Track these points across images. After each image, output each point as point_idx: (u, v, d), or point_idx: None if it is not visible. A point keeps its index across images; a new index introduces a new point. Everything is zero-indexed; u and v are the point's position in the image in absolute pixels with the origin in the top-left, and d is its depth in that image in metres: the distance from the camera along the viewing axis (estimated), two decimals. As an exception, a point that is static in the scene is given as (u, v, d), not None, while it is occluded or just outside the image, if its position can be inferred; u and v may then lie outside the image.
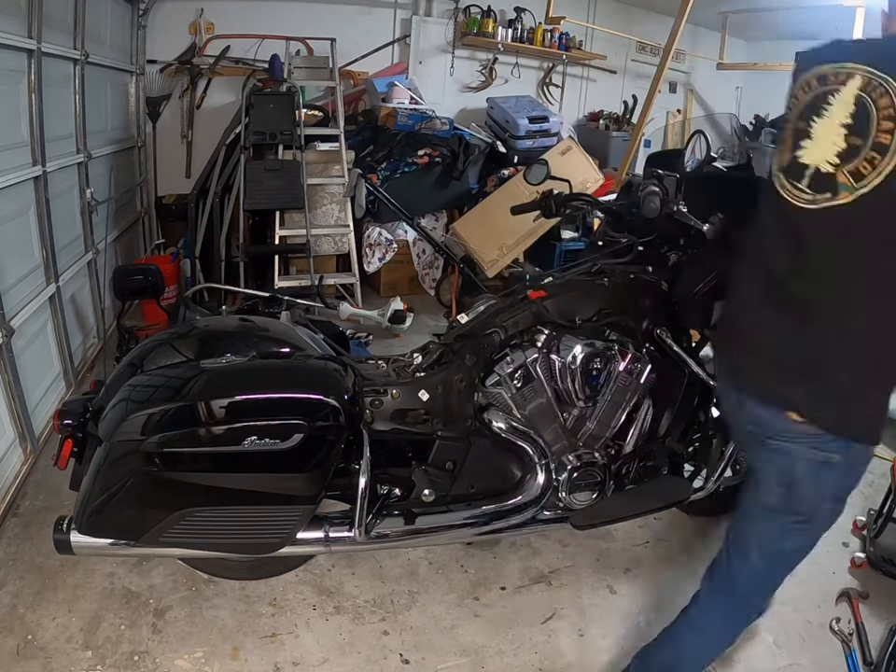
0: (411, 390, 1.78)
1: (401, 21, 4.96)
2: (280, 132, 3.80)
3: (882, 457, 2.93)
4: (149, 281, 3.10)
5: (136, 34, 4.10)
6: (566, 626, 1.93)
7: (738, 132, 2.38)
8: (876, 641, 1.89)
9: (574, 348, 1.82)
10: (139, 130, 4.30)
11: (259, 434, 1.50)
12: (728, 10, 5.34)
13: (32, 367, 2.48)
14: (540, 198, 2.20)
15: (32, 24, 2.46)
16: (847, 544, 2.35)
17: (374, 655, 1.80)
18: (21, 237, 2.51)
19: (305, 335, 1.89)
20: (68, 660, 1.69)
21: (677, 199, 1.78)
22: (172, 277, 3.80)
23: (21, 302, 2.40)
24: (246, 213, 3.82)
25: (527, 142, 4.73)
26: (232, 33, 4.44)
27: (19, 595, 1.87)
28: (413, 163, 4.31)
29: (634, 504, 1.97)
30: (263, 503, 1.59)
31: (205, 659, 1.74)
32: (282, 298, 2.66)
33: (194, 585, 1.96)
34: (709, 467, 2.09)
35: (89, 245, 3.25)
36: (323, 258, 4.22)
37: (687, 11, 4.04)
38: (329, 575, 2.05)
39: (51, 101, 2.68)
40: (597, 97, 5.96)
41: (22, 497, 2.26)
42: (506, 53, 5.26)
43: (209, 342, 1.75)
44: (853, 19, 4.49)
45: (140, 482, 1.52)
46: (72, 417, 1.63)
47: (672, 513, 2.36)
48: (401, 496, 1.82)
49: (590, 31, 5.51)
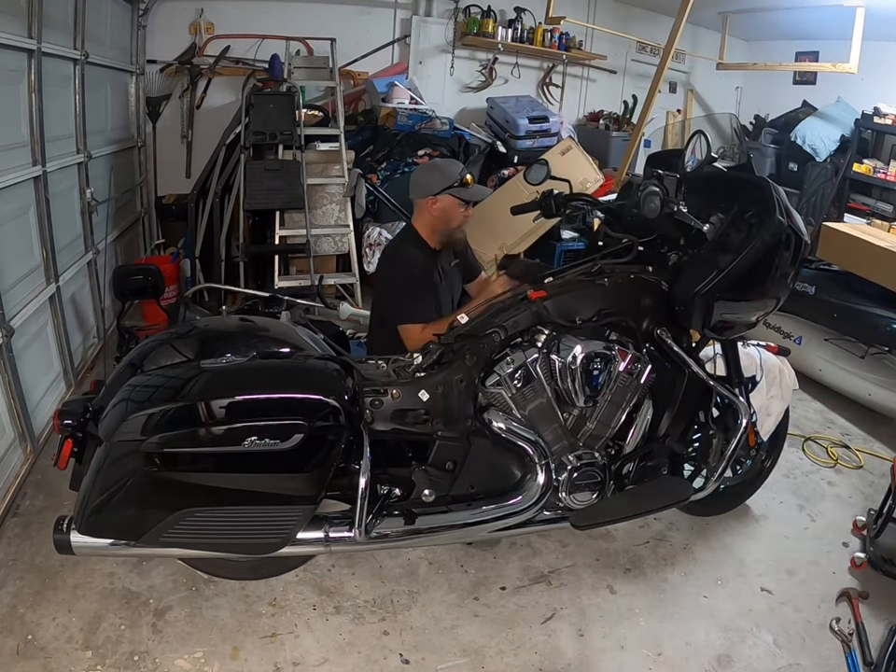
0: (411, 390, 1.78)
1: (401, 21, 4.96)
2: (280, 132, 3.80)
3: (882, 457, 2.94)
4: (149, 281, 3.10)
5: (136, 34, 4.10)
6: (566, 626, 1.93)
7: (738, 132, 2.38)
8: (876, 641, 1.89)
9: (574, 348, 1.81)
10: (139, 130, 4.30)
11: (259, 434, 1.50)
12: (728, 10, 5.34)
13: (32, 367, 2.48)
14: (540, 198, 2.20)
15: (32, 24, 2.46)
16: (846, 544, 2.35)
17: (374, 655, 1.80)
18: (21, 237, 2.51)
19: (305, 335, 1.89)
20: (68, 660, 1.69)
21: (677, 199, 1.78)
22: (172, 277, 3.80)
23: (22, 302, 2.40)
24: (246, 213, 3.82)
25: (527, 142, 4.73)
26: (232, 33, 4.44)
27: (19, 595, 1.87)
28: (413, 163, 4.31)
29: (634, 504, 1.97)
30: (263, 503, 1.59)
31: (205, 659, 1.73)
32: (282, 298, 2.66)
33: (194, 585, 1.96)
34: (709, 467, 2.09)
35: (89, 245, 3.25)
36: (323, 258, 4.22)
37: (687, 11, 4.04)
38: (329, 575, 2.05)
39: (51, 101, 2.68)
40: (597, 97, 5.96)
41: (22, 497, 2.26)
42: (506, 53, 5.26)
43: (209, 342, 1.75)
44: (853, 19, 4.47)
45: (140, 482, 1.52)
46: (72, 417, 1.63)
47: (672, 513, 2.36)
48: (401, 496, 1.82)
49: (590, 31, 5.51)
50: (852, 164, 5.30)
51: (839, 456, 2.91)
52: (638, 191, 1.81)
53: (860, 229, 3.64)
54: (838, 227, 3.61)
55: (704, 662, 1.84)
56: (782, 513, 2.51)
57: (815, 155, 5.47)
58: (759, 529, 2.41)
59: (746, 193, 1.84)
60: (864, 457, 2.92)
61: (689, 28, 4.92)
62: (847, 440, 3.06)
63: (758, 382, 2.26)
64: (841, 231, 3.49)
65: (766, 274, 1.81)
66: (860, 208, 5.37)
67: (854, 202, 5.43)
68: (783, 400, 2.30)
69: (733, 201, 1.83)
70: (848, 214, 5.36)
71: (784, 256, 1.81)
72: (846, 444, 3.02)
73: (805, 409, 3.32)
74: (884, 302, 3.11)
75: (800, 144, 5.49)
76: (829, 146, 5.45)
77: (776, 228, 1.73)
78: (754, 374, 2.25)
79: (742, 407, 2.00)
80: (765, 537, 2.38)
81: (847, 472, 2.83)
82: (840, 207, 5.45)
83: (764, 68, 5.59)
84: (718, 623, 1.96)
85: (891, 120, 5.02)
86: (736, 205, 1.81)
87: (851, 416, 3.27)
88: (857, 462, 2.89)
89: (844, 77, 4.88)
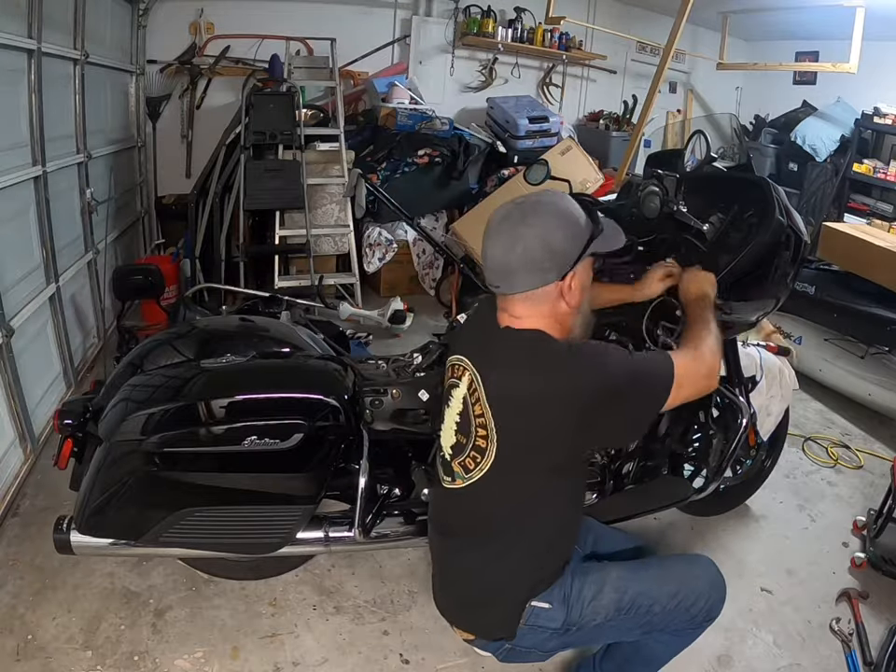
0: (411, 390, 1.78)
1: (401, 21, 4.96)
2: (280, 132, 3.80)
3: (882, 457, 2.93)
4: (149, 281, 3.10)
5: (136, 34, 4.09)
6: (566, 626, 1.93)
7: (738, 132, 2.38)
8: (876, 641, 1.89)
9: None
10: (139, 130, 4.30)
11: (258, 434, 1.50)
12: (728, 10, 5.34)
13: (32, 367, 2.48)
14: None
15: (32, 24, 2.46)
16: (846, 544, 2.35)
17: (374, 655, 1.80)
18: (21, 237, 2.51)
19: (305, 335, 1.89)
20: (68, 660, 1.69)
21: (677, 199, 1.78)
22: (172, 277, 3.80)
23: (21, 302, 2.40)
24: (246, 213, 3.82)
25: (527, 142, 4.72)
26: (232, 33, 4.43)
27: (19, 595, 1.86)
28: (413, 163, 4.31)
29: (634, 504, 1.97)
30: (263, 503, 1.59)
31: (205, 659, 1.73)
32: (282, 298, 2.67)
33: (194, 585, 1.96)
34: (709, 467, 2.09)
35: (89, 245, 3.25)
36: (323, 258, 4.22)
37: (687, 11, 4.04)
38: (328, 575, 2.05)
39: (51, 101, 2.67)
40: (597, 97, 5.96)
41: (22, 497, 2.26)
42: (506, 53, 5.26)
43: (209, 342, 1.75)
44: (853, 19, 4.47)
45: (140, 481, 1.52)
46: (72, 417, 1.63)
47: (672, 513, 2.36)
48: (401, 496, 1.82)
49: (590, 31, 5.51)
50: (852, 164, 5.30)
51: (839, 457, 2.91)
52: (638, 191, 1.81)
53: (860, 229, 3.64)
54: (838, 227, 3.61)
55: (704, 662, 1.84)
56: (782, 513, 2.51)
57: (815, 155, 5.48)
58: (759, 529, 2.41)
59: (746, 193, 1.83)
60: (864, 457, 2.92)
61: (689, 28, 4.91)
62: (847, 440, 3.06)
63: (758, 382, 2.26)
64: (841, 231, 3.48)
65: (766, 274, 1.81)
66: (860, 208, 5.37)
67: (854, 202, 5.44)
68: (783, 400, 2.30)
69: (733, 201, 1.83)
70: (848, 214, 5.37)
71: (784, 256, 1.80)
72: (846, 444, 3.02)
73: (804, 409, 3.32)
74: (884, 302, 3.11)
75: (800, 144, 5.50)
76: (829, 146, 5.45)
77: (775, 228, 1.73)
78: (754, 374, 2.25)
79: (742, 407, 1.99)
80: (765, 537, 2.38)
81: (848, 472, 2.83)
82: (840, 207, 5.45)
83: (764, 68, 5.59)
84: (718, 623, 1.91)
85: (891, 120, 5.02)
86: (736, 205, 1.81)
87: (851, 416, 3.27)
88: (857, 462, 2.89)
89: (844, 77, 4.88)
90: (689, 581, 1.40)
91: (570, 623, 1.34)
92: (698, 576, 1.42)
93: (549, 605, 1.33)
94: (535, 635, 1.35)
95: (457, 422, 1.32)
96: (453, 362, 1.37)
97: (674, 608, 1.36)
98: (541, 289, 1.23)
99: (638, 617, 1.36)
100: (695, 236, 1.82)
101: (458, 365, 1.34)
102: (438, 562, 1.49)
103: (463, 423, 1.30)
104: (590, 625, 1.35)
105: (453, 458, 1.33)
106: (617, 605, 1.35)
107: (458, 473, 1.32)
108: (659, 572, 1.42)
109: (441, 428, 1.39)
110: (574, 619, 1.34)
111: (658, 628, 1.38)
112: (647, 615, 1.35)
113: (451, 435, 1.34)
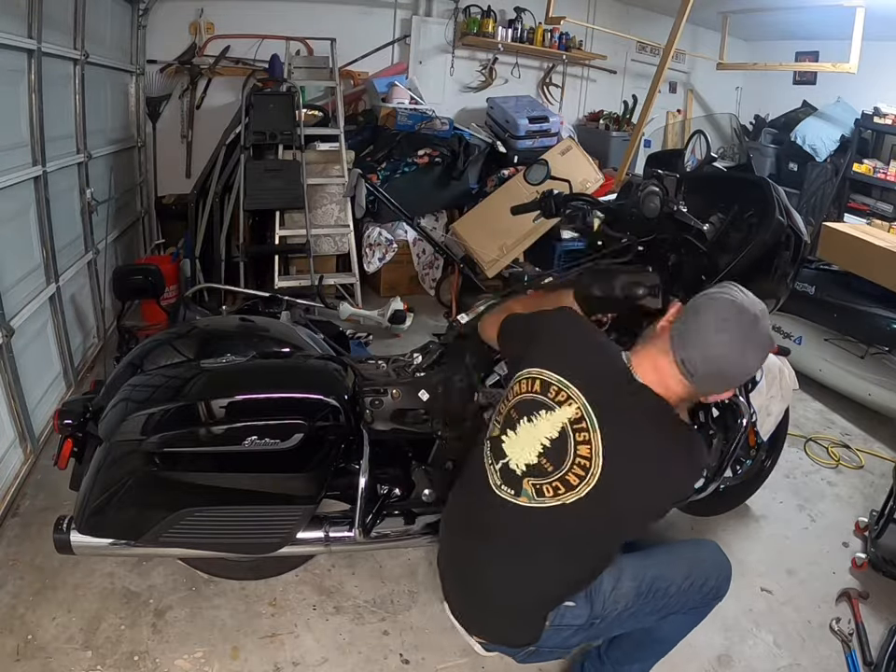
0: (411, 390, 1.78)
1: (401, 21, 4.96)
2: (280, 132, 3.80)
3: (882, 457, 2.94)
4: (149, 281, 3.09)
5: (136, 34, 4.09)
6: (566, 626, 1.93)
7: (738, 132, 2.38)
8: (876, 641, 1.89)
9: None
10: (139, 130, 4.29)
11: (259, 434, 1.50)
12: (728, 10, 5.34)
13: (32, 367, 2.48)
14: (540, 198, 2.19)
15: (32, 24, 2.45)
16: (847, 544, 2.35)
17: (374, 655, 1.80)
18: (21, 237, 2.51)
19: (305, 335, 1.89)
20: (68, 660, 1.69)
21: (677, 199, 1.78)
22: (172, 277, 3.79)
23: (21, 302, 2.39)
24: (246, 213, 3.82)
25: (527, 142, 4.72)
26: (232, 33, 4.43)
27: (19, 595, 1.86)
28: (413, 163, 4.31)
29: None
30: (263, 503, 1.59)
31: (205, 659, 1.73)
32: (282, 298, 2.66)
33: (194, 585, 1.96)
34: (709, 467, 2.09)
35: (89, 245, 3.25)
36: (323, 258, 4.22)
37: (687, 11, 4.04)
38: (328, 575, 2.05)
39: (51, 101, 2.67)
40: (597, 97, 5.96)
41: (22, 497, 2.26)
42: (506, 53, 5.26)
43: (209, 342, 1.75)
44: (853, 19, 4.47)
45: (140, 482, 1.52)
46: (72, 417, 1.63)
47: (672, 513, 2.35)
48: (401, 496, 1.81)
49: (590, 31, 5.50)
50: (852, 164, 5.30)
51: (840, 457, 2.91)
52: (638, 191, 1.81)
53: (860, 229, 3.64)
54: (838, 227, 3.61)
55: (704, 662, 1.84)
56: (782, 513, 2.51)
57: (815, 155, 5.48)
58: (759, 529, 2.42)
59: (746, 193, 1.83)
60: (865, 457, 2.92)
61: (689, 28, 4.91)
62: (848, 440, 3.06)
63: (758, 382, 2.25)
64: (841, 231, 3.49)
65: (766, 274, 1.81)
66: (860, 208, 5.37)
67: (854, 202, 5.44)
68: (783, 400, 2.30)
69: (733, 201, 1.83)
70: (848, 214, 5.37)
71: (784, 256, 1.81)
72: (846, 444, 3.02)
73: (804, 409, 3.32)
74: (884, 302, 3.11)
75: (800, 144, 5.50)
76: (829, 146, 5.45)
77: (775, 227, 1.73)
78: (754, 374, 2.25)
79: (742, 407, 1.99)
80: (765, 537, 2.38)
81: (848, 472, 2.83)
82: (840, 207, 5.45)
83: (764, 68, 5.59)
84: (718, 623, 1.95)
85: (891, 120, 5.02)
86: (736, 205, 1.81)
87: (851, 416, 3.27)
88: (857, 462, 2.89)
89: (844, 77, 4.88)
90: (697, 561, 1.48)
91: (595, 616, 1.37)
92: (705, 558, 1.50)
93: (573, 603, 1.35)
94: (559, 634, 1.36)
95: (546, 446, 1.25)
96: (546, 378, 1.27)
97: (688, 587, 1.42)
98: (712, 392, 1.28)
99: (656, 600, 1.40)
100: (695, 236, 1.82)
101: (558, 388, 1.25)
102: (457, 564, 1.44)
103: (555, 451, 1.24)
104: (612, 615, 1.38)
105: (526, 476, 1.26)
106: (637, 591, 1.38)
107: (527, 492, 1.26)
108: (669, 557, 1.48)
109: (509, 436, 1.31)
110: (598, 612, 1.37)
111: (673, 610, 1.42)
112: (664, 598, 1.40)
113: (531, 454, 1.26)
